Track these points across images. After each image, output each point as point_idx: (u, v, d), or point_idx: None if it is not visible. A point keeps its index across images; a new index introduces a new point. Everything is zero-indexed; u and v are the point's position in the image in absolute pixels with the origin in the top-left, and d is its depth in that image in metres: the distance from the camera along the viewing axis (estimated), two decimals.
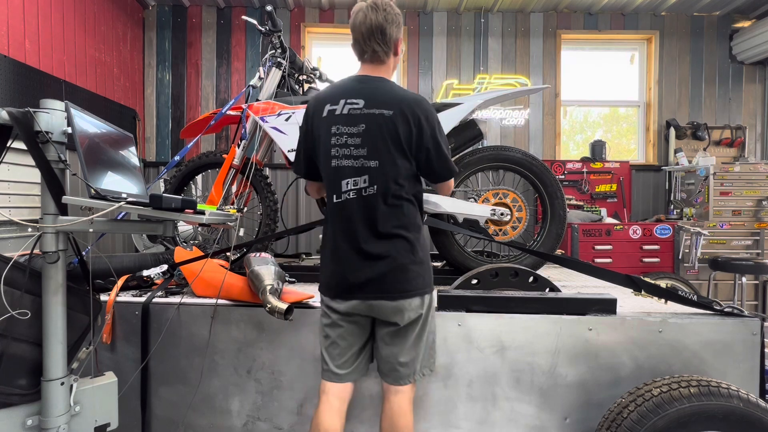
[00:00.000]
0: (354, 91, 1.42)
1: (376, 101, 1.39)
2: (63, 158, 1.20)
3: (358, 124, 1.39)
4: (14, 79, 3.04)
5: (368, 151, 1.38)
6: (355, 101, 1.40)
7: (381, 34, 1.41)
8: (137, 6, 4.75)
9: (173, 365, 1.80)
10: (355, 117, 1.39)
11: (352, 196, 1.40)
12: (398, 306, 1.40)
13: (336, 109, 1.41)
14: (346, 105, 1.40)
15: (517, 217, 2.29)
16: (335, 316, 1.46)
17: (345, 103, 1.40)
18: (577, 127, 5.38)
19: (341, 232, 1.43)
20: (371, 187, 1.39)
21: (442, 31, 5.00)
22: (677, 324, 1.68)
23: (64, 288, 1.24)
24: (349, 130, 1.39)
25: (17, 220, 1.24)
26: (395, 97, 1.40)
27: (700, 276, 4.02)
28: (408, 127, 1.39)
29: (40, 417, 1.23)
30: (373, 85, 1.43)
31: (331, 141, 1.40)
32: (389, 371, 1.48)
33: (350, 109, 1.39)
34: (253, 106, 2.35)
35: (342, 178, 1.40)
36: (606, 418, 1.54)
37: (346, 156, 1.40)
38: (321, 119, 1.43)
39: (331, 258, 1.46)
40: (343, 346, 1.48)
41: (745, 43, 4.81)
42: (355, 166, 1.39)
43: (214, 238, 2.74)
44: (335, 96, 1.43)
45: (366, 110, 1.39)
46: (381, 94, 1.41)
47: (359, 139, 1.38)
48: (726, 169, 4.25)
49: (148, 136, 4.92)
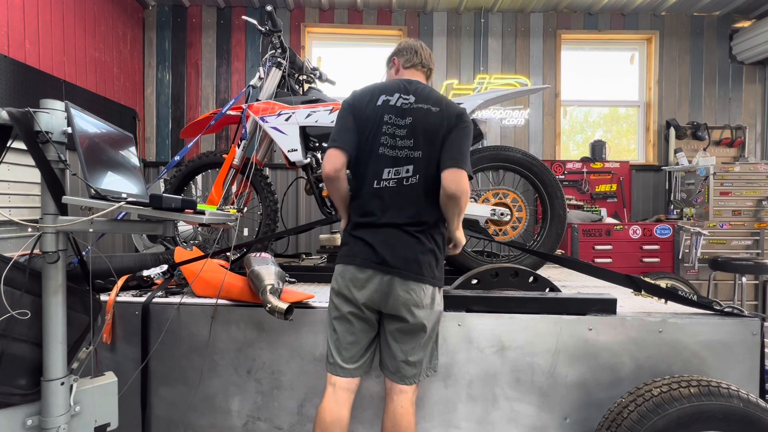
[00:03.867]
0: (404, 88, 1.55)
1: (424, 98, 1.52)
2: (63, 158, 1.20)
3: (407, 116, 1.49)
4: (14, 79, 3.04)
5: (414, 143, 1.48)
6: (406, 96, 1.52)
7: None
8: (137, 6, 4.75)
9: (173, 365, 1.80)
10: (406, 110, 1.50)
11: (393, 185, 1.48)
12: (413, 289, 1.44)
13: (391, 100, 1.51)
14: (401, 98, 1.52)
15: (517, 217, 2.29)
16: (346, 308, 1.48)
17: (399, 97, 1.52)
18: (577, 127, 5.38)
19: (377, 213, 1.49)
20: (414, 176, 1.48)
21: (442, 31, 5.00)
22: (677, 324, 1.68)
23: (64, 288, 1.24)
24: (399, 121, 1.49)
25: (17, 220, 1.24)
26: (443, 99, 1.55)
27: (700, 276, 4.02)
28: (449, 125, 1.50)
29: (40, 417, 1.23)
30: (421, 86, 1.57)
31: (383, 129, 1.49)
32: (396, 369, 1.49)
33: (403, 102, 1.51)
34: (253, 106, 2.35)
35: (385, 166, 1.48)
36: (606, 418, 1.54)
37: (392, 146, 1.48)
38: (376, 107, 1.51)
39: (362, 233, 1.50)
40: (351, 341, 1.50)
41: (745, 43, 4.81)
42: (399, 156, 1.48)
43: (214, 238, 2.74)
44: (390, 89, 1.54)
45: (416, 105, 1.50)
46: (428, 93, 1.55)
47: (406, 130, 1.49)
48: (726, 169, 4.25)
49: (148, 136, 4.92)
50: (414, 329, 1.46)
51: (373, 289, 1.44)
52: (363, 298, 1.45)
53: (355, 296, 1.46)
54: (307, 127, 2.31)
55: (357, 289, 1.46)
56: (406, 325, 1.46)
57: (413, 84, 1.57)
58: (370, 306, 1.47)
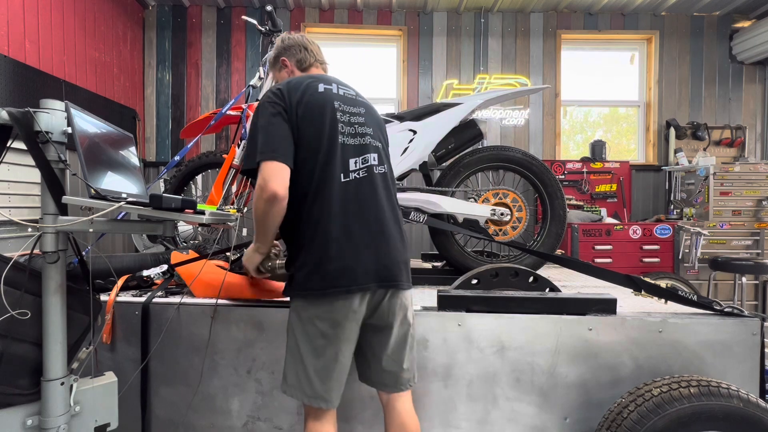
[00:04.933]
0: (337, 80, 1.45)
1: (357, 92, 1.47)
2: (63, 158, 1.20)
3: (358, 106, 1.41)
4: (14, 79, 3.03)
5: (374, 131, 1.40)
6: (346, 87, 1.43)
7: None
8: (137, 6, 4.75)
9: (173, 365, 1.80)
10: (353, 100, 1.41)
11: (363, 175, 1.33)
12: (406, 296, 1.37)
13: (332, 89, 1.38)
14: (340, 88, 1.41)
15: (517, 217, 2.29)
16: (329, 326, 1.25)
17: (338, 86, 1.41)
18: (577, 127, 5.38)
19: (353, 214, 1.28)
20: (381, 165, 1.38)
21: (442, 31, 4.99)
22: (677, 324, 1.68)
23: (64, 288, 1.24)
24: (352, 109, 1.38)
25: (17, 220, 1.24)
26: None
27: (700, 276, 4.02)
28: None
29: (40, 417, 1.23)
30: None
31: (337, 116, 1.33)
32: (394, 382, 1.39)
33: (345, 92, 1.41)
34: (253, 106, 2.35)
35: (350, 156, 1.33)
36: (606, 418, 1.54)
37: (351, 134, 1.35)
38: (318, 93, 1.34)
39: (340, 243, 1.25)
40: (344, 363, 1.29)
41: (745, 43, 4.81)
42: (363, 144, 1.36)
43: (214, 238, 2.74)
44: (321, 79, 1.40)
45: (359, 98, 1.44)
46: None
47: (363, 118, 1.39)
48: (726, 169, 4.25)
49: (148, 136, 4.92)
50: (405, 335, 1.38)
51: (378, 302, 1.33)
52: (366, 305, 1.33)
53: (355, 306, 1.28)
54: None
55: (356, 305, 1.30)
56: (391, 332, 1.35)
57: (337, 78, 1.47)
58: (363, 316, 1.35)
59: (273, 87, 1.37)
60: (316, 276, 1.25)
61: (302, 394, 1.29)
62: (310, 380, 1.28)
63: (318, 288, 1.25)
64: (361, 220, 1.28)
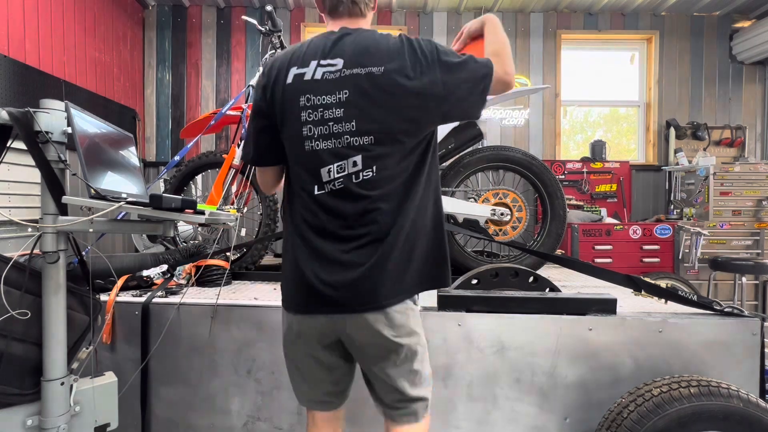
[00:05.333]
0: (328, 49, 1.07)
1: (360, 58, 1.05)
2: (63, 158, 1.20)
3: (341, 87, 1.04)
4: (14, 79, 3.03)
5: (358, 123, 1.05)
6: (331, 62, 1.05)
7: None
8: (137, 6, 4.75)
9: (173, 365, 1.80)
10: (335, 80, 1.05)
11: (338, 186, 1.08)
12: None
13: (305, 73, 1.07)
14: (319, 68, 1.06)
15: (517, 217, 2.29)
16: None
17: (317, 66, 1.06)
18: (577, 127, 5.38)
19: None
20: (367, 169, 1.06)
21: (442, 31, 4.99)
22: (677, 324, 1.68)
23: (64, 288, 1.24)
24: (327, 99, 1.05)
25: (17, 220, 1.24)
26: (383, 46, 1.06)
27: (700, 276, 4.02)
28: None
29: (40, 417, 1.23)
30: (354, 38, 1.08)
31: (302, 116, 1.07)
32: (387, 410, 1.28)
33: (325, 73, 1.05)
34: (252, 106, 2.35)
35: (322, 165, 1.07)
36: (606, 418, 1.54)
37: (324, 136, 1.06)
38: (286, 86, 1.08)
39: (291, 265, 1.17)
40: (306, 373, 1.26)
41: (745, 43, 4.81)
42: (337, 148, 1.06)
43: (214, 238, 2.74)
44: (303, 57, 1.08)
45: (347, 71, 1.05)
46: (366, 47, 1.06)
47: (342, 109, 1.04)
48: (726, 169, 4.25)
49: (148, 136, 4.92)
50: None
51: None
52: None
53: None
54: None
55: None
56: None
57: (345, 37, 1.09)
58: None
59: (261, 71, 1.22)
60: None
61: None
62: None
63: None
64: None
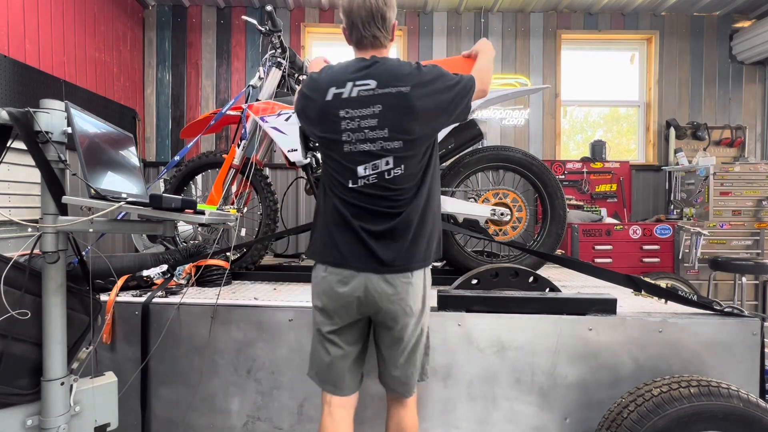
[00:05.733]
0: (362, 73, 1.32)
1: (390, 80, 1.29)
2: (63, 158, 1.20)
3: (374, 103, 1.29)
4: (14, 79, 3.03)
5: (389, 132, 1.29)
6: (365, 82, 1.30)
7: (381, 19, 1.34)
8: (137, 6, 4.75)
9: (173, 365, 1.80)
10: (369, 97, 1.29)
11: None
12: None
13: (343, 92, 1.31)
14: (355, 87, 1.30)
15: (517, 217, 2.29)
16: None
17: (353, 86, 1.31)
18: (577, 127, 5.38)
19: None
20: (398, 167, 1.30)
21: (442, 31, 4.99)
22: (677, 324, 1.68)
23: (64, 288, 1.24)
24: (363, 111, 1.29)
25: (17, 220, 1.24)
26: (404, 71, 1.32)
27: (700, 276, 4.02)
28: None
29: (40, 417, 1.23)
30: (383, 65, 1.34)
31: (341, 126, 1.30)
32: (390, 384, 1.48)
33: (360, 91, 1.30)
34: (253, 106, 2.35)
35: (358, 164, 1.31)
36: (606, 418, 1.54)
37: (361, 140, 1.30)
38: (324, 103, 1.32)
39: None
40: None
41: (745, 43, 4.81)
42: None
43: (214, 238, 2.74)
44: (340, 79, 1.33)
45: (379, 90, 1.29)
46: (392, 71, 1.32)
47: (376, 120, 1.28)
48: (726, 169, 4.25)
49: (148, 136, 4.92)
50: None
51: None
52: None
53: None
54: None
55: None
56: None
57: (373, 63, 1.34)
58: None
59: (306, 80, 1.44)
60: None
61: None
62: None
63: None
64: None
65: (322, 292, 1.37)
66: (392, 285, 1.30)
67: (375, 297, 1.30)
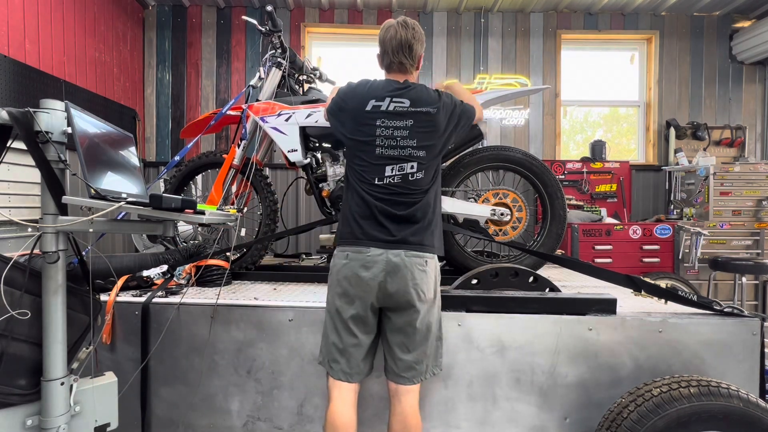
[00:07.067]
0: (399, 92, 1.55)
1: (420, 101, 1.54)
2: (63, 158, 1.20)
3: (406, 118, 1.53)
4: (14, 79, 3.03)
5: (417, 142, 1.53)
6: (401, 100, 1.53)
7: (409, 50, 1.55)
8: (137, 6, 4.75)
9: (173, 365, 1.80)
10: (403, 113, 1.53)
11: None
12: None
13: (381, 105, 1.52)
14: (392, 103, 1.53)
15: (517, 217, 2.29)
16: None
17: (390, 101, 1.53)
18: (577, 127, 5.38)
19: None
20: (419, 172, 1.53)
21: (442, 31, 5.00)
22: (677, 324, 1.68)
23: (64, 288, 1.24)
24: (396, 123, 1.53)
25: (17, 220, 1.24)
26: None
27: (700, 276, 4.02)
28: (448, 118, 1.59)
29: (40, 417, 1.23)
30: (414, 89, 1.57)
31: (377, 132, 1.52)
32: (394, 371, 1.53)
33: (396, 107, 1.52)
34: (253, 107, 2.35)
35: (387, 165, 1.52)
36: (606, 418, 1.54)
37: (392, 146, 1.53)
38: (365, 112, 1.54)
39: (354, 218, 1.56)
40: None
41: (745, 43, 4.81)
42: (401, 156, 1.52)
43: (214, 238, 2.74)
44: (378, 93, 1.54)
45: (412, 108, 1.53)
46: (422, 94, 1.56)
47: (407, 131, 1.52)
48: (726, 169, 4.25)
49: (148, 136, 4.92)
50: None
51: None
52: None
53: None
54: (307, 128, 2.31)
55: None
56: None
57: (406, 86, 1.57)
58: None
59: (345, 87, 1.64)
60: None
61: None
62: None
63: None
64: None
65: (344, 278, 1.49)
66: (409, 269, 1.46)
67: (394, 278, 1.45)
